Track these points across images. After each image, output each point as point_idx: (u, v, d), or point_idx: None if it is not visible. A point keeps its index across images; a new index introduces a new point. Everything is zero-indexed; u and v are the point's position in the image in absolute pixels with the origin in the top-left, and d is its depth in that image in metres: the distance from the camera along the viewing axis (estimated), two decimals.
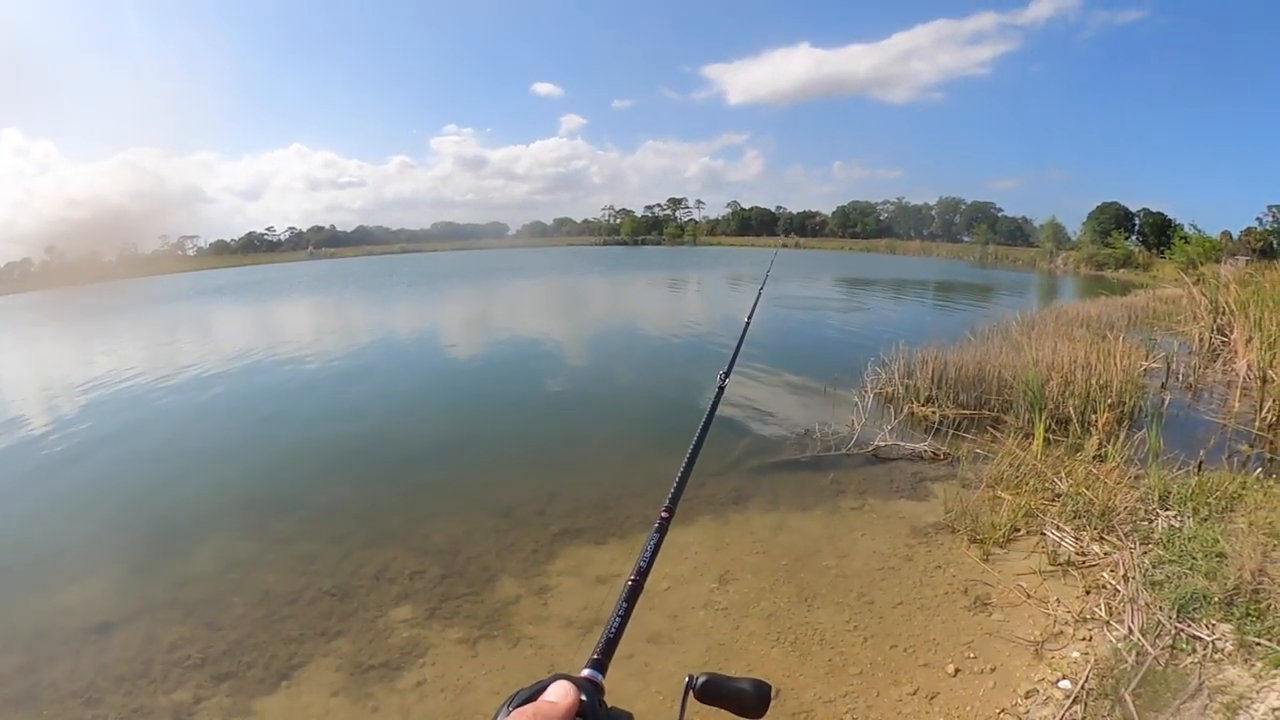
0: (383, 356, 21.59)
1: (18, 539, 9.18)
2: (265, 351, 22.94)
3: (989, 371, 11.52)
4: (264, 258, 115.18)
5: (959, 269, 57.33)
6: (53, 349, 31.32)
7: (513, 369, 18.60)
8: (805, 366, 16.11)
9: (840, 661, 5.26)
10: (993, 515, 7.25)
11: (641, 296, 38.34)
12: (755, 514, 8.12)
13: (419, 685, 5.49)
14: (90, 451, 12.76)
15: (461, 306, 37.34)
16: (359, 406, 14.93)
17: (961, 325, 19.43)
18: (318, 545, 8.09)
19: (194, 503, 9.77)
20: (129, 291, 66.18)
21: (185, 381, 18.52)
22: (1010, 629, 5.41)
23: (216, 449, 12.36)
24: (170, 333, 31.80)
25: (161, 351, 24.41)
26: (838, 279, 45.85)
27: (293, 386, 17.54)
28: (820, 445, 10.13)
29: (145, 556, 8.19)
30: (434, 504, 9.13)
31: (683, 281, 48.03)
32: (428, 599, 6.75)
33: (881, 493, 8.50)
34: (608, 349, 21.23)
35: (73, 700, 5.61)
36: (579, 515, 8.38)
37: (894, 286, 40.34)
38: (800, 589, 6.39)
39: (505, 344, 22.91)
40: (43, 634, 6.64)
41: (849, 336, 21.31)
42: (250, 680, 5.72)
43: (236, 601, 6.94)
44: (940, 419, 10.96)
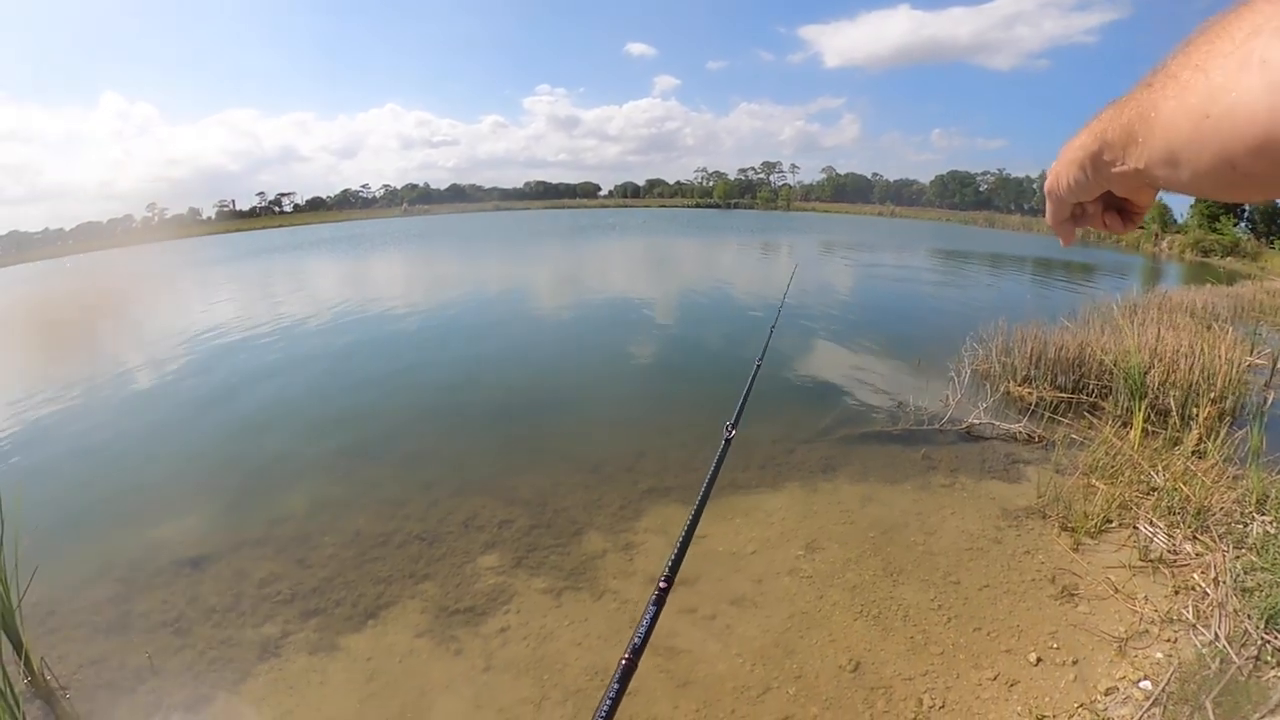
0: (475, 310, 22.08)
1: (122, 474, 9.69)
2: (359, 304, 23.74)
3: (1089, 354, 11.29)
4: (359, 214, 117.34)
5: (1059, 246, 55.82)
6: (169, 299, 32.30)
7: (605, 328, 18.81)
8: (899, 338, 16.07)
9: (922, 640, 5.34)
10: (1085, 504, 7.16)
11: (733, 260, 38.16)
12: (844, 484, 8.17)
13: (502, 631, 5.68)
14: (189, 395, 13.49)
15: (554, 265, 37.76)
16: (451, 358, 15.37)
17: (1061, 305, 19.06)
18: (408, 491, 8.38)
19: (289, 446, 10.22)
20: (228, 245, 67.88)
21: (284, 331, 19.30)
22: (1095, 622, 5.42)
23: (312, 396, 12.92)
24: (270, 286, 32.65)
25: (262, 304, 25.27)
26: (933, 250, 45.07)
27: (385, 338, 18.13)
28: (913, 419, 10.10)
29: (240, 495, 8.62)
30: (523, 457, 9.36)
31: (775, 247, 47.62)
32: (514, 548, 6.96)
33: (973, 472, 8.47)
34: (697, 311, 21.27)
35: (162, 629, 5.94)
36: (666, 474, 8.54)
37: (991, 261, 39.47)
38: (886, 563, 6.46)
39: (597, 302, 23.15)
40: (138, 565, 7.01)
41: (945, 310, 20.98)
42: (338, 617, 5.98)
43: (327, 541, 7.26)
44: (1037, 400, 10.79)
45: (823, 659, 5.16)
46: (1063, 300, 21.55)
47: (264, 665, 5.45)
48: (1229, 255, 49.78)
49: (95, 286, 41.63)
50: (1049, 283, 29.37)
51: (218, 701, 5.12)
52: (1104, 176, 0.94)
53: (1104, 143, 0.90)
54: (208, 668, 5.46)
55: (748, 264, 36.10)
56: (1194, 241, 55.09)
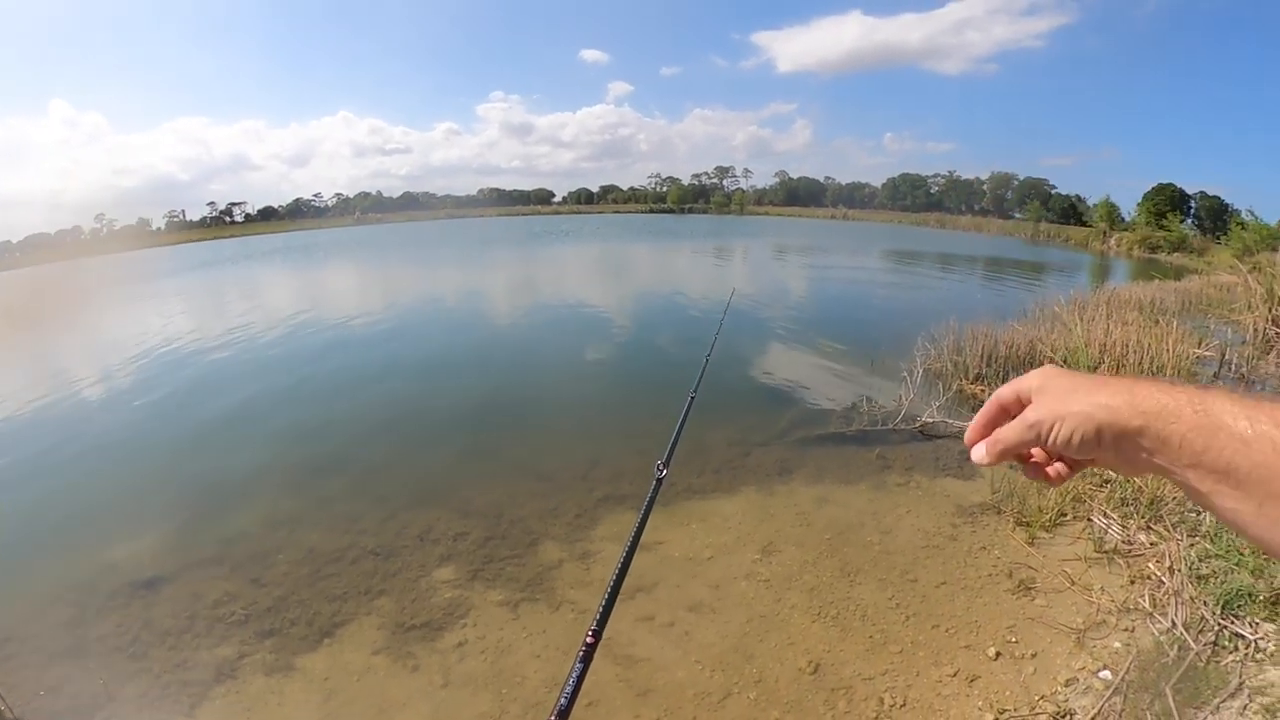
0: (429, 320, 21.92)
1: (73, 495, 9.49)
2: (312, 314, 23.45)
3: (1040, 351, 11.44)
4: (311, 223, 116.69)
5: (1010, 246, 56.33)
6: (112, 315, 31.83)
7: (558, 334, 18.71)
8: (852, 339, 16.14)
9: (881, 639, 5.33)
10: (1040, 498, 7.20)
11: (687, 265, 38.14)
12: (800, 486, 8.16)
13: (459, 646, 5.61)
14: (142, 411, 13.23)
15: (508, 272, 37.47)
16: (404, 369, 15.21)
17: (1012, 303, 19.35)
18: (363, 505, 8.27)
19: (242, 462, 10.04)
20: (178, 257, 67.19)
21: (233, 343, 19.05)
22: (1053, 615, 5.44)
23: (265, 410, 12.70)
24: (220, 296, 32.30)
25: (213, 315, 24.91)
26: (886, 252, 45.42)
27: (339, 348, 17.91)
28: (867, 419, 10.13)
29: (193, 514, 8.46)
30: (478, 467, 9.29)
31: (729, 251, 47.79)
32: (470, 561, 6.89)
33: (928, 470, 8.50)
34: (651, 317, 21.24)
35: (118, 654, 5.82)
36: (622, 481, 8.48)
37: (943, 261, 39.80)
38: (843, 564, 6.45)
39: (551, 309, 23.06)
40: (92, 588, 6.87)
41: (897, 310, 21.13)
42: (293, 637, 5.89)
43: (281, 559, 7.15)
44: (989, 397, 10.85)
45: (782, 662, 5.12)
46: (1013, 299, 21.79)
47: (220, 688, 5.34)
48: (1176, 251, 50.69)
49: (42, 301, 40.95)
50: (1000, 282, 29.69)
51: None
52: (1125, 454, 0.89)
53: (1151, 430, 0.84)
54: (164, 692, 5.34)
55: (701, 269, 36.09)
56: (1142, 238, 56.03)
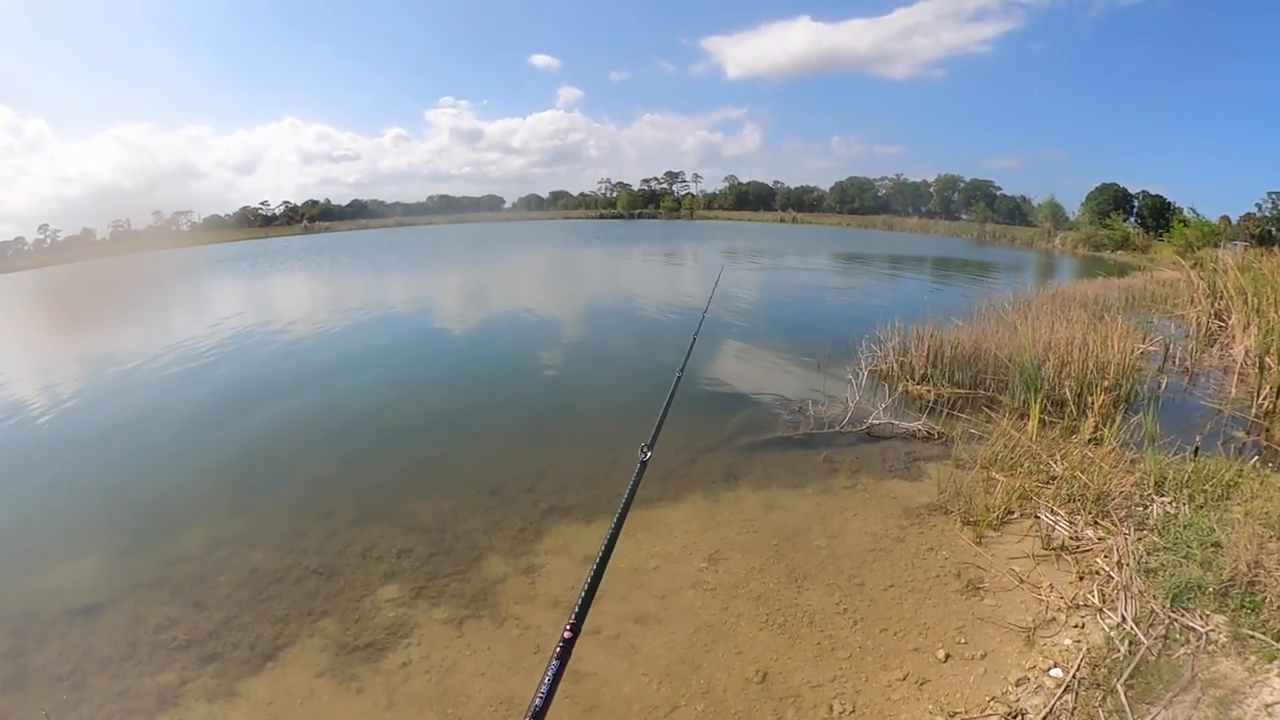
0: (370, 330, 21.53)
1: (7, 520, 9.18)
2: (254, 326, 22.92)
3: (985, 350, 11.50)
4: (258, 232, 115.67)
5: (956, 246, 57.03)
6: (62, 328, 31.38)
7: (502, 343, 18.57)
8: (800, 341, 16.10)
9: (829, 645, 5.25)
10: (987, 497, 7.22)
11: (636, 270, 38.12)
12: (746, 492, 8.09)
13: (404, 666, 5.49)
14: (76, 432, 12.81)
15: (453, 280, 37.19)
16: (346, 382, 14.89)
17: (958, 303, 19.45)
18: (305, 523, 8.08)
19: (181, 481, 9.77)
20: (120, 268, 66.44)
21: (173, 358, 18.54)
22: (1002, 614, 5.40)
23: (205, 427, 12.35)
24: (160, 310, 31.74)
25: (154, 332, 24.31)
26: (834, 254, 45.74)
27: (280, 362, 17.54)
28: (813, 422, 10.09)
29: (132, 536, 8.20)
30: (422, 481, 9.13)
31: (678, 255, 47.87)
32: (414, 578, 6.75)
33: (875, 472, 8.47)
34: (599, 323, 21.15)
35: (59, 684, 5.62)
36: (567, 492, 8.38)
37: (890, 263, 40.08)
38: (790, 569, 6.37)
39: (496, 318, 22.83)
40: (31, 616, 6.64)
41: (844, 312, 21.24)
42: (235, 661, 5.73)
43: (223, 581, 6.95)
44: (935, 398, 10.95)
45: (730, 672, 5.02)
46: (960, 298, 21.95)
47: (162, 716, 5.17)
48: (1120, 249, 51.63)
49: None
50: (947, 282, 29.96)
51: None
52: None
53: None
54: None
55: (648, 275, 36.04)
56: (1086, 237, 57.15)
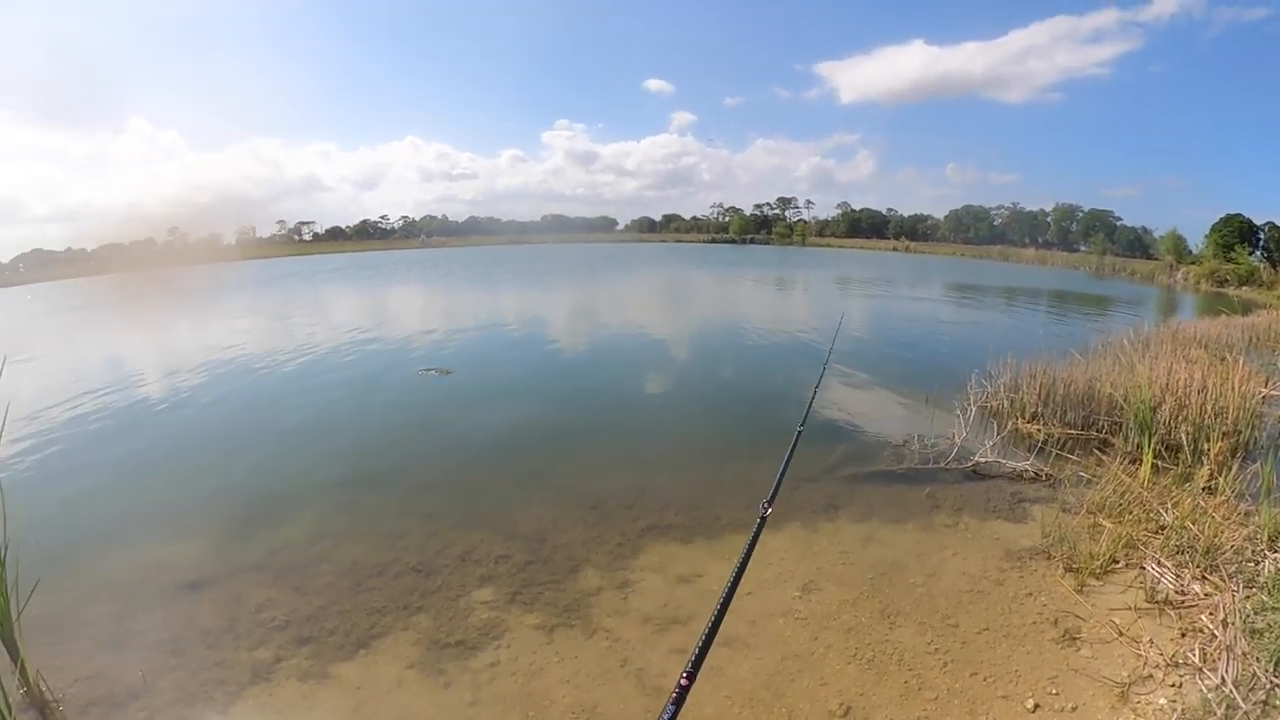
0: (486, 342, 22.11)
1: (129, 493, 9.81)
2: (373, 333, 23.83)
3: (1099, 390, 11.13)
4: (377, 244, 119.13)
5: (1074, 279, 55.03)
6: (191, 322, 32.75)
7: (610, 361, 18.81)
8: (908, 373, 15.98)
9: (917, 684, 5.22)
10: (1091, 544, 7.04)
11: (747, 296, 37.94)
12: (845, 524, 8.05)
13: (492, 666, 5.65)
14: (203, 418, 13.62)
15: (564, 297, 37.76)
16: (462, 390, 15.40)
17: (1073, 339, 18.91)
18: (408, 522, 8.38)
19: (295, 473, 10.31)
20: (246, 270, 68.95)
21: (298, 360, 19.46)
22: (1097, 667, 5.29)
23: (323, 425, 12.97)
24: (288, 314, 32.82)
25: (279, 332, 25.42)
26: (948, 285, 44.83)
27: (398, 368, 18.10)
28: (918, 457, 9.99)
29: (243, 521, 8.63)
30: (525, 491, 9.32)
31: (789, 282, 47.55)
32: (510, 583, 6.92)
33: (978, 511, 8.33)
34: (709, 346, 21.14)
35: (159, 649, 5.98)
36: (667, 512, 8.47)
37: (1005, 295, 39.02)
38: (884, 605, 6.34)
39: (605, 336, 23.15)
40: (139, 585, 7.08)
41: (956, 345, 20.80)
42: (330, 645, 5.99)
43: (324, 570, 7.27)
44: (1045, 437, 10.65)
45: (813, 703, 5.04)
46: (1075, 333, 21.37)
47: (255, 689, 5.46)
48: (1245, 285, 49.29)
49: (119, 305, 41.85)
50: (1062, 316, 29.12)
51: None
52: None
53: None
54: (200, 688, 5.47)
55: (759, 302, 35.85)
56: (1209, 272, 54.57)
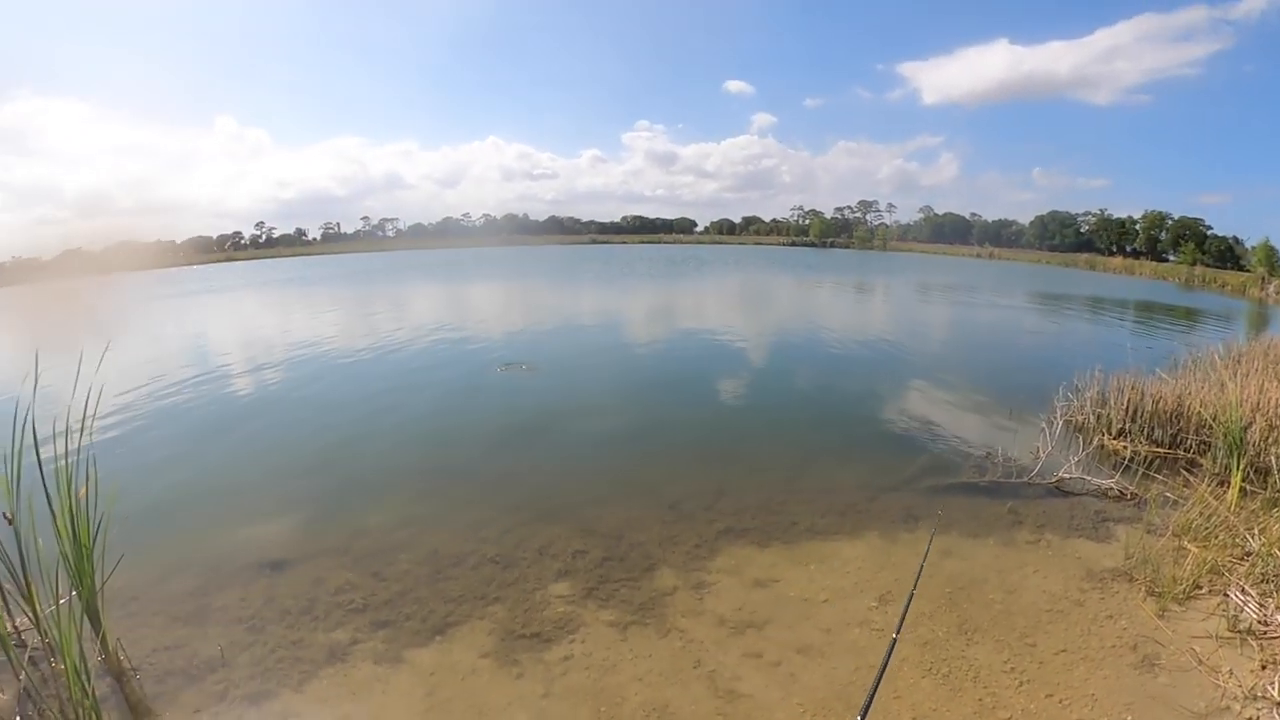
0: (565, 339, 22.41)
1: (215, 473, 10.25)
2: (455, 329, 24.35)
3: (1188, 407, 10.86)
4: (459, 241, 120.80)
5: (1162, 290, 53.03)
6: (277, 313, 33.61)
7: (689, 363, 18.83)
8: (991, 384, 15.76)
9: (991, 703, 5.24)
10: (1175, 568, 6.94)
11: (827, 300, 37.67)
12: (925, 536, 7.93)
13: (565, 660, 5.81)
14: (290, 404, 14.19)
15: (644, 297, 37.90)
16: (541, 386, 15.66)
17: (1161, 353, 18.57)
18: (488, 514, 8.61)
19: (378, 462, 10.65)
20: (334, 264, 70.40)
21: (381, 352, 20.03)
22: (1174, 696, 5.25)
23: (405, 414, 13.33)
24: (371, 306, 33.53)
25: (364, 326, 26.02)
26: (1032, 293, 43.89)
27: (478, 361, 18.50)
28: (1001, 470, 9.91)
29: (326, 505, 9.00)
30: (604, 489, 9.49)
31: (869, 287, 47.01)
32: (586, 579, 7.09)
33: (1060, 529, 8.23)
34: (789, 351, 21.04)
35: (237, 625, 6.30)
36: (744, 515, 8.55)
37: (1091, 305, 38.01)
38: (962, 620, 6.35)
39: (684, 337, 23.20)
40: (221, 562, 7.45)
41: (1040, 355, 20.29)
42: (406, 630, 6.23)
43: (404, 557, 7.54)
44: (1131, 455, 10.45)
45: (885, 715, 5.10)
46: (1165, 347, 20.81)
47: (330, 669, 5.71)
48: None
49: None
50: (1150, 329, 28.28)
51: (281, 698, 5.37)
52: None
53: None
54: (276, 665, 5.74)
55: (838, 307, 35.48)
56: None
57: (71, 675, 4.46)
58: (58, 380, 5.85)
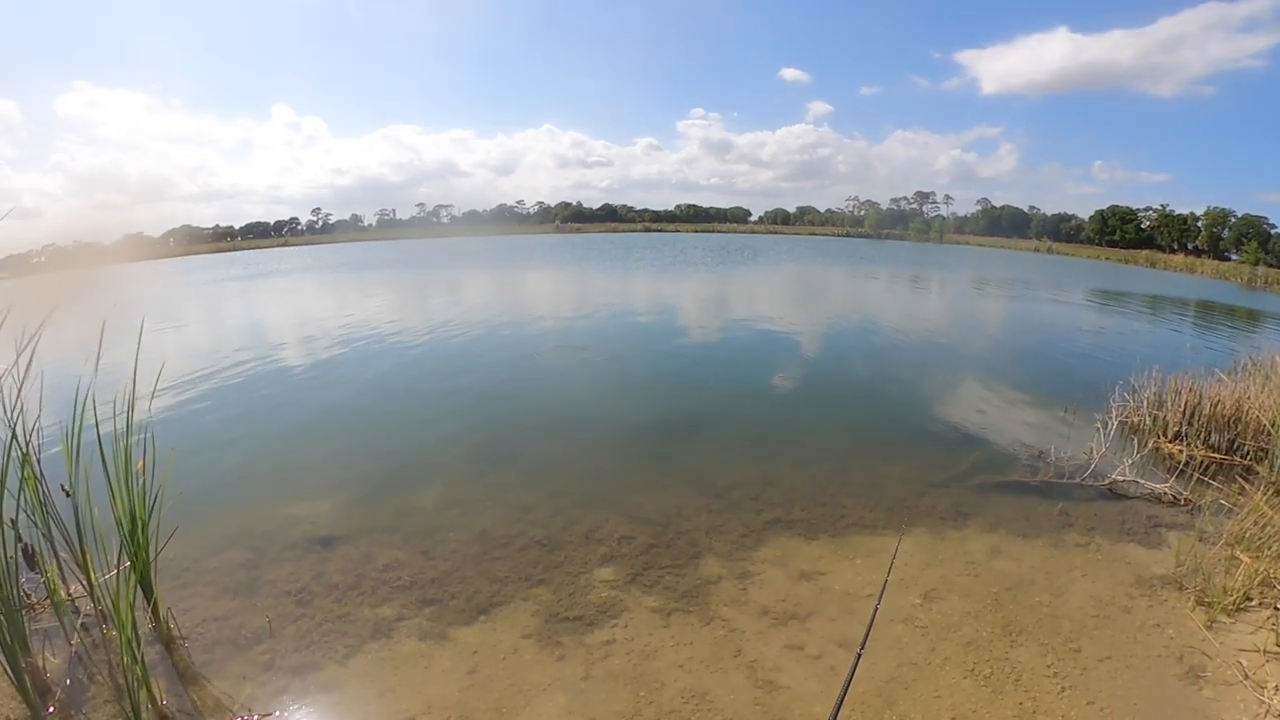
0: (615, 327, 22.43)
1: (270, 452, 10.54)
2: (508, 315, 24.70)
3: (1246, 412, 10.61)
4: (513, 229, 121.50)
5: (1223, 290, 51.59)
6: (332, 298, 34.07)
7: (739, 353, 18.76)
8: (1047, 382, 15.48)
9: (1032, 707, 5.22)
10: (1226, 578, 6.82)
11: (881, 293, 37.24)
12: (973, 534, 7.99)
13: (607, 644, 5.89)
14: (343, 387, 14.43)
15: (696, 286, 37.73)
16: (590, 373, 15.75)
17: (1222, 355, 18.24)
18: (536, 498, 8.72)
19: (430, 444, 10.82)
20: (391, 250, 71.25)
21: (432, 337, 20.28)
22: (1218, 710, 5.19)
23: (454, 397, 13.51)
24: (426, 294, 34.01)
25: (416, 312, 26.39)
26: (1091, 290, 43.14)
27: (530, 345, 18.75)
28: (1053, 470, 9.78)
29: (377, 485, 9.17)
30: (651, 475, 9.54)
31: (924, 280, 46.50)
32: (631, 564, 7.16)
33: (1111, 533, 8.12)
34: (840, 343, 20.83)
35: (286, 598, 6.49)
36: (792, 506, 8.55)
37: (1151, 303, 37.14)
38: (1007, 622, 6.32)
39: (734, 327, 23.02)
40: (271, 537, 7.66)
41: (1096, 354, 19.84)
42: (451, 609, 6.36)
43: (452, 537, 7.69)
44: (1187, 459, 10.28)
45: (924, 714, 5.11)
46: (1225, 349, 20.44)
47: (375, 644, 5.86)
48: None
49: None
50: (1211, 329, 27.70)
51: (326, 670, 5.53)
52: None
53: None
54: (322, 638, 5.91)
55: (891, 301, 35.20)
56: None
57: (123, 642, 4.60)
58: (120, 358, 6.02)
